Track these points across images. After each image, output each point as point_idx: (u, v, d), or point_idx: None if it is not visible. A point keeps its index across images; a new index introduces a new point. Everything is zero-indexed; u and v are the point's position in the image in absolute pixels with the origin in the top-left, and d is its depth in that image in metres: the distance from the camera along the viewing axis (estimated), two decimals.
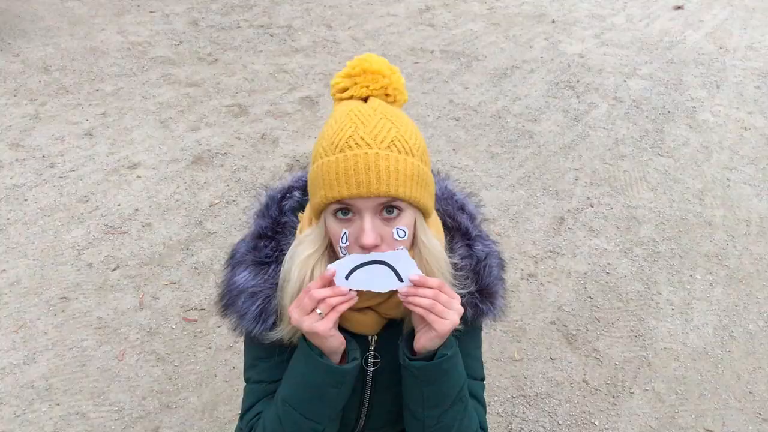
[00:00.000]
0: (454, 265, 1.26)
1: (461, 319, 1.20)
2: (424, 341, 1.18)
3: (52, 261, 3.40)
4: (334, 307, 1.11)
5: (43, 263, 3.38)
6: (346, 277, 1.12)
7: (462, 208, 1.39)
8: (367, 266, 1.12)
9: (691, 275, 3.52)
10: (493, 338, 3.07)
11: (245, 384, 1.41)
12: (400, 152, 1.09)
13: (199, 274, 3.36)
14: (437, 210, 1.33)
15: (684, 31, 6.76)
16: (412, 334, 1.23)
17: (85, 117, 4.69)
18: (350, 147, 1.08)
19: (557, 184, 4.20)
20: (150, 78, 5.30)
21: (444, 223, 1.33)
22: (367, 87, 1.18)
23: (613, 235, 3.77)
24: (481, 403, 1.41)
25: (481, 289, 1.30)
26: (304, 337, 1.20)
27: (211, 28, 6.32)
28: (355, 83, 1.19)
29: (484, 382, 1.46)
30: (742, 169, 4.44)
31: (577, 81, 5.60)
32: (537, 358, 3.00)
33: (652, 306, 3.31)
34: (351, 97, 1.19)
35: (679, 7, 7.44)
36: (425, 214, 1.18)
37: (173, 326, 3.06)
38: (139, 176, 4.07)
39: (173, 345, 2.97)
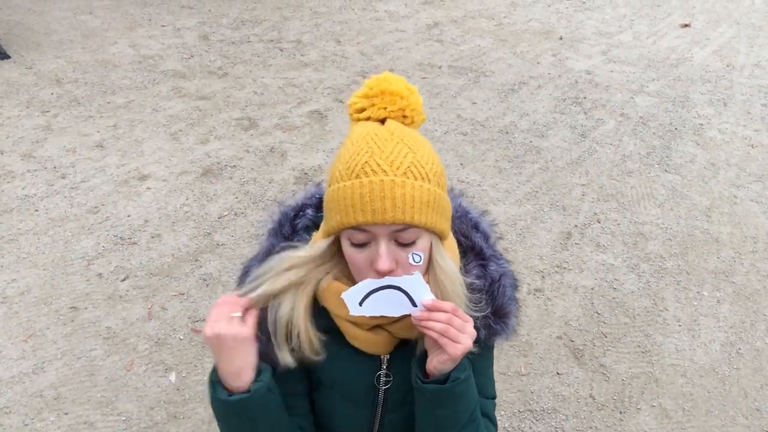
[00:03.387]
0: (470, 285, 1.26)
1: (475, 341, 1.19)
2: (436, 363, 1.17)
3: (62, 271, 3.43)
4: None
5: (53, 273, 3.41)
6: (360, 303, 1.13)
7: (476, 226, 1.38)
8: (380, 291, 1.12)
9: (698, 292, 3.52)
10: (500, 352, 3.08)
11: None
12: (416, 179, 1.09)
13: (207, 285, 3.38)
14: (452, 229, 1.33)
15: (691, 49, 6.79)
16: (425, 355, 1.22)
17: (96, 129, 4.74)
18: (366, 173, 1.08)
19: (564, 199, 4.22)
20: (161, 91, 5.35)
21: (458, 243, 1.32)
22: (385, 109, 1.17)
23: (620, 251, 3.78)
24: (493, 421, 1.40)
25: (494, 310, 1.29)
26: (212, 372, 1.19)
27: (221, 42, 6.38)
28: (373, 104, 1.18)
29: (495, 401, 1.46)
30: (749, 187, 4.45)
31: (585, 97, 5.62)
32: (544, 373, 3.00)
33: (659, 322, 3.31)
34: (368, 118, 1.19)
35: (686, 25, 7.48)
36: (441, 238, 1.18)
37: (181, 337, 3.08)
38: (149, 188, 4.11)
39: (181, 356, 2.98)
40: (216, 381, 1.16)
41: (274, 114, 5.09)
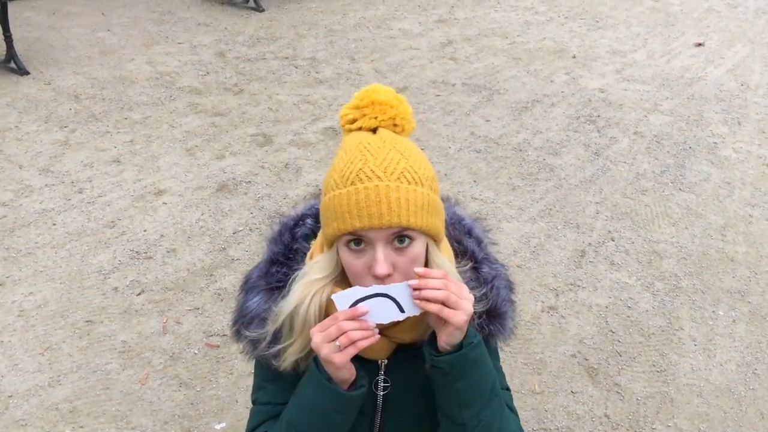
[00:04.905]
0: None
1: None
2: (444, 338, 1.19)
3: (78, 285, 3.46)
4: (354, 343, 1.13)
5: (69, 287, 3.44)
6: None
7: (469, 232, 1.42)
8: (370, 299, 1.14)
9: (713, 311, 3.50)
10: (513, 370, 3.07)
11: (252, 405, 1.43)
12: (410, 183, 1.13)
13: (221, 300, 3.40)
14: (446, 235, 1.36)
15: (705, 68, 6.79)
16: (433, 338, 1.23)
17: (113, 144, 4.80)
18: (361, 180, 1.12)
19: (578, 217, 4.21)
20: (177, 107, 5.41)
21: (451, 248, 1.36)
22: (376, 118, 1.21)
23: (635, 270, 3.77)
24: (515, 412, 1.41)
25: (489, 311, 1.32)
26: (315, 360, 1.22)
27: (237, 59, 6.45)
28: (364, 115, 1.22)
29: (510, 393, 1.47)
30: (765, 206, 4.43)
31: (598, 115, 5.63)
32: (558, 391, 2.99)
33: (674, 341, 3.29)
34: (360, 128, 1.23)
35: (700, 44, 7.48)
36: (436, 241, 1.22)
37: (196, 351, 3.10)
38: (164, 203, 4.15)
39: (195, 370, 3.00)
40: (328, 379, 1.19)
41: (289, 130, 5.13)
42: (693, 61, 6.98)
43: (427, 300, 1.14)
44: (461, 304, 1.14)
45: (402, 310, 1.15)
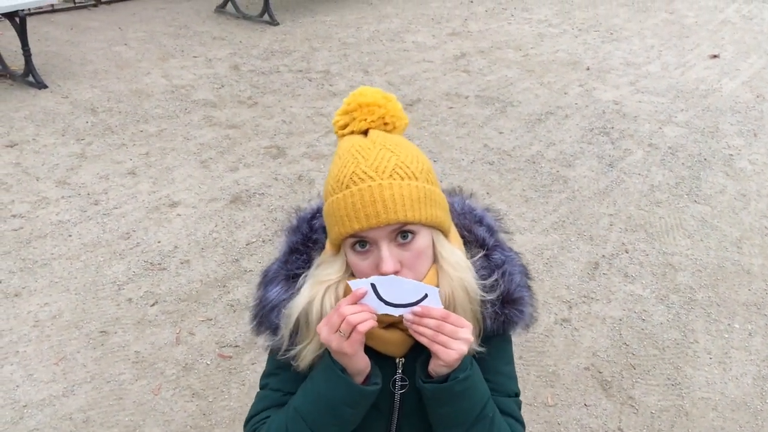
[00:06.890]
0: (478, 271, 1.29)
1: (482, 332, 1.26)
2: (433, 366, 1.20)
3: (93, 296, 3.48)
4: (354, 328, 1.13)
5: (84, 297, 3.47)
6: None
7: (480, 221, 1.41)
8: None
9: (729, 324, 3.46)
10: (526, 382, 3.05)
11: (259, 390, 1.42)
12: (402, 178, 1.15)
13: (234, 311, 3.41)
14: (455, 224, 1.36)
15: (720, 80, 6.75)
16: (429, 357, 1.24)
17: (129, 156, 4.85)
18: (354, 182, 1.14)
19: (592, 229, 4.19)
20: (192, 120, 5.46)
21: (462, 238, 1.35)
22: (365, 120, 1.23)
23: (649, 282, 3.74)
24: (519, 420, 1.39)
25: (502, 296, 1.30)
26: (329, 351, 1.21)
27: (251, 72, 6.50)
28: (354, 118, 1.25)
29: (520, 398, 1.45)
30: None
31: (612, 127, 5.61)
32: (571, 404, 2.96)
33: (689, 354, 3.26)
34: (352, 132, 1.25)
35: (715, 56, 7.44)
36: (442, 232, 1.23)
37: (208, 362, 3.11)
38: (179, 214, 4.18)
39: (208, 381, 3.01)
40: (342, 370, 1.20)
41: (302, 143, 5.16)
42: (708, 73, 6.95)
43: (416, 334, 1.16)
44: (451, 344, 1.15)
45: (386, 303, 1.16)
